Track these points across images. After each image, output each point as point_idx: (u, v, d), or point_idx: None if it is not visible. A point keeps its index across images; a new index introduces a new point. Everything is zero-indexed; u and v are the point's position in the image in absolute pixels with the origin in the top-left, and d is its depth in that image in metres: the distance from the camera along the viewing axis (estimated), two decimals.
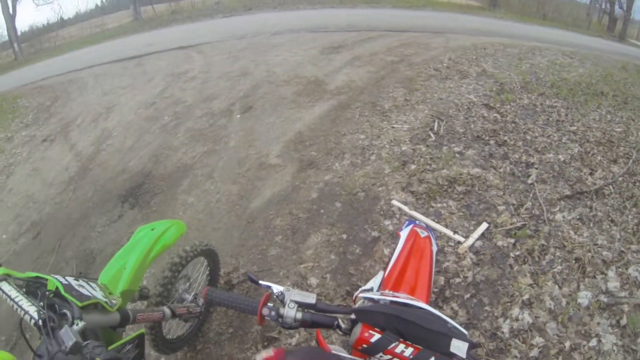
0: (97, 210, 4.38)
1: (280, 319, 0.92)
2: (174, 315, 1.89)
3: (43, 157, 6.27)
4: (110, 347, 1.22)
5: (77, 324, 1.12)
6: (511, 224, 3.04)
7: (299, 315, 0.92)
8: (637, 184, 3.61)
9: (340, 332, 0.95)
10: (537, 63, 7.53)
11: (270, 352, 0.84)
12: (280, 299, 0.96)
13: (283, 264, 2.97)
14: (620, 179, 3.63)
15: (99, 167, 5.28)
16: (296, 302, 0.94)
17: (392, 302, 0.93)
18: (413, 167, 3.78)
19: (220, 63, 8.86)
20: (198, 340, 2.57)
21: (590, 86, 6.33)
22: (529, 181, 3.56)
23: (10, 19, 27.20)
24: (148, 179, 4.64)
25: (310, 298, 0.95)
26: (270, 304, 0.96)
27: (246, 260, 3.11)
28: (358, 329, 0.88)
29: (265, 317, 0.94)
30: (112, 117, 7.04)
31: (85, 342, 1.04)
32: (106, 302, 1.33)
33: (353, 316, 0.93)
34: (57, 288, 1.19)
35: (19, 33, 29.05)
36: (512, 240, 2.91)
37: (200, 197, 4.05)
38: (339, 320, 0.96)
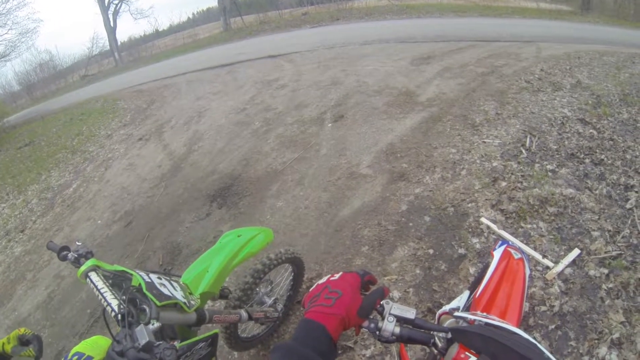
0: (186, 206, 4.73)
1: (377, 332, 0.88)
2: (250, 318, 1.94)
3: (138, 154, 6.98)
4: (182, 343, 1.27)
5: (152, 324, 1.17)
6: (605, 253, 2.85)
7: (397, 330, 0.88)
8: None
9: (436, 351, 0.91)
10: (637, 72, 6.96)
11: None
12: (379, 311, 0.92)
13: None
14: None
15: (190, 167, 5.78)
16: (395, 316, 0.90)
17: (487, 324, 0.90)
18: (504, 184, 3.74)
19: (310, 72, 9.16)
20: (273, 341, 2.66)
21: None
22: (628, 206, 3.34)
23: (112, 31, 31.38)
24: (237, 181, 4.94)
25: (410, 313, 0.91)
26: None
27: (330, 267, 3.18)
28: (454, 349, 0.86)
29: (364, 328, 0.90)
30: (204, 120, 7.63)
31: (158, 343, 1.06)
32: (185, 303, 1.37)
33: (449, 335, 0.89)
34: (139, 285, 1.24)
35: (119, 43, 33.42)
36: (606, 271, 2.71)
37: (289, 202, 4.21)
38: (435, 338, 0.91)
